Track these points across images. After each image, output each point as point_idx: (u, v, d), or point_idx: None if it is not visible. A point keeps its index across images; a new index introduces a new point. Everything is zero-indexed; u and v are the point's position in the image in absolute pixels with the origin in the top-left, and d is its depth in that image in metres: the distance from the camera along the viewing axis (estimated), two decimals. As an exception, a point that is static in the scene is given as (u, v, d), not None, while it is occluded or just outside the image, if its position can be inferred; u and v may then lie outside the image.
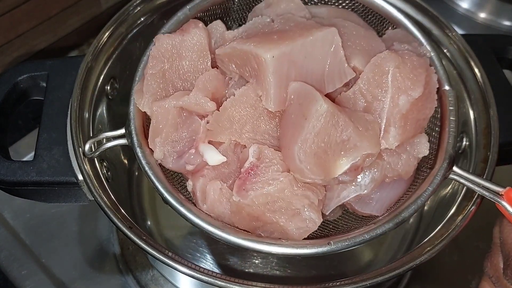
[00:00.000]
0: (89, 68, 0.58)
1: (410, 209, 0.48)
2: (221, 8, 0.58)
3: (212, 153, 0.49)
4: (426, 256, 0.49)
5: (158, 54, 0.51)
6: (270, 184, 0.46)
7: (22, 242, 0.74)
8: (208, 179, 0.49)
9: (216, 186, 0.48)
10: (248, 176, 0.47)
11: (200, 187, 0.49)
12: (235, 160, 0.50)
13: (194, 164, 0.49)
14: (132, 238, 0.49)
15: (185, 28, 0.53)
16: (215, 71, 0.51)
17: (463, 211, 0.52)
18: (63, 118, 0.57)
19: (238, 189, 0.46)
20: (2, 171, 0.54)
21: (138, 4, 0.62)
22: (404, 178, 0.51)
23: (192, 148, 0.49)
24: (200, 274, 0.48)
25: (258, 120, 0.49)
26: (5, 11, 0.83)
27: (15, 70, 0.60)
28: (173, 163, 0.49)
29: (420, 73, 0.49)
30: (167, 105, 0.49)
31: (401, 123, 0.48)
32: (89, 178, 0.52)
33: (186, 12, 0.55)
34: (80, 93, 0.56)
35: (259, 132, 0.49)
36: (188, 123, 0.50)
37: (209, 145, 0.50)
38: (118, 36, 0.61)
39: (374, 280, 0.47)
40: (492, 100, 0.57)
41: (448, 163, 0.50)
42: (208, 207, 0.48)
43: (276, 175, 0.47)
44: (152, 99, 0.50)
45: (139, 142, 0.50)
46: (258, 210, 0.46)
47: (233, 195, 0.46)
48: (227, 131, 0.49)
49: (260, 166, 0.47)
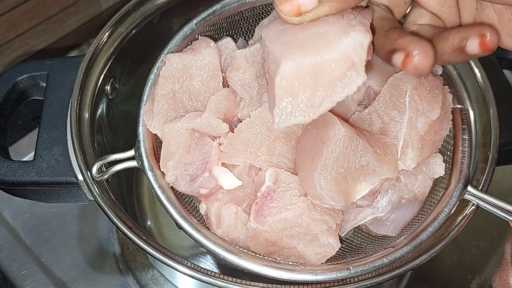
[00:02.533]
0: (89, 68, 0.58)
1: (428, 232, 0.48)
2: (228, 22, 0.57)
3: (228, 177, 0.48)
4: (426, 256, 0.49)
5: (169, 74, 0.49)
6: (287, 209, 0.45)
7: (22, 242, 0.74)
8: (222, 203, 0.48)
9: (231, 211, 0.47)
10: (265, 201, 0.46)
11: (215, 212, 0.48)
12: (250, 183, 0.49)
13: (208, 188, 0.48)
14: (132, 238, 0.49)
15: (196, 47, 0.51)
16: (226, 91, 0.50)
17: (463, 211, 0.52)
18: (63, 118, 0.56)
19: (256, 215, 0.45)
20: (2, 171, 0.54)
21: (138, 4, 0.62)
22: (419, 199, 0.51)
23: (206, 171, 0.48)
24: (200, 274, 0.48)
25: (274, 142, 0.48)
26: (5, 11, 0.83)
27: (15, 70, 0.59)
28: (186, 186, 0.48)
29: (437, 94, 0.49)
30: (179, 128, 0.47)
31: (418, 145, 0.48)
32: (89, 178, 0.52)
33: (192, 27, 0.53)
34: (80, 93, 0.56)
35: (275, 155, 0.48)
36: (200, 145, 0.48)
37: (224, 169, 0.48)
38: (118, 36, 0.61)
39: (374, 280, 0.47)
40: (492, 100, 0.57)
41: (464, 183, 0.50)
42: (223, 231, 0.47)
43: (294, 200, 0.46)
44: (163, 121, 0.49)
45: (150, 165, 0.49)
46: (276, 235, 0.46)
47: (251, 222, 0.45)
48: (242, 153, 0.48)
49: (277, 191, 0.46)
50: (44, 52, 0.94)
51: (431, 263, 0.56)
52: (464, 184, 0.50)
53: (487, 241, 0.76)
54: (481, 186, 0.53)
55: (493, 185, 0.54)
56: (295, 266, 0.47)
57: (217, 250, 0.46)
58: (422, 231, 0.48)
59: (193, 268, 0.48)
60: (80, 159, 0.52)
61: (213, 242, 0.47)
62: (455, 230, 0.51)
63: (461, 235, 0.51)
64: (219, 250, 0.46)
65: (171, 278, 0.71)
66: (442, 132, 0.50)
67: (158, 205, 0.76)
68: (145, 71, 0.74)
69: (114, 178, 0.58)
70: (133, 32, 0.62)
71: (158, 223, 0.75)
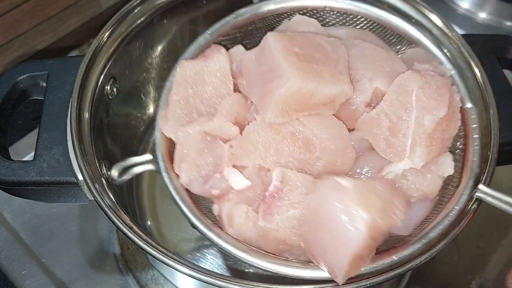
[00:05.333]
0: (89, 68, 0.58)
1: (437, 229, 0.48)
2: (241, 32, 0.59)
3: (237, 177, 0.49)
4: (426, 256, 0.49)
5: (182, 80, 0.52)
6: (295, 207, 0.46)
7: (22, 242, 0.74)
8: (233, 203, 0.49)
9: (242, 211, 0.48)
10: (273, 200, 0.47)
11: (226, 212, 0.49)
12: (260, 184, 0.50)
13: (219, 189, 0.49)
14: (132, 238, 0.49)
15: (207, 54, 0.53)
16: (237, 96, 0.52)
17: (463, 211, 0.52)
18: (63, 118, 0.56)
19: (264, 214, 0.46)
20: (2, 171, 0.54)
21: (138, 4, 0.62)
22: (429, 198, 0.51)
23: (217, 173, 0.50)
24: (200, 274, 0.48)
25: (281, 143, 0.49)
26: (5, 11, 0.83)
27: (15, 70, 0.59)
28: (199, 187, 0.50)
29: (443, 93, 0.49)
30: (192, 131, 0.49)
31: (427, 143, 0.48)
32: (89, 178, 0.52)
33: (207, 37, 0.56)
34: (80, 93, 0.56)
35: (283, 155, 0.49)
36: (212, 148, 0.50)
37: (234, 170, 0.50)
38: (118, 36, 0.61)
39: (374, 280, 0.47)
40: (492, 100, 0.57)
41: (474, 181, 0.50)
42: (234, 231, 0.49)
43: (301, 198, 0.46)
44: (177, 125, 0.51)
45: (165, 168, 0.50)
46: (284, 234, 0.46)
47: (259, 220, 0.46)
48: (251, 155, 0.49)
49: (284, 189, 0.47)
50: (44, 52, 0.94)
51: (431, 263, 0.57)
52: (475, 182, 0.50)
53: (487, 241, 0.76)
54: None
55: (493, 185, 0.53)
56: (305, 264, 0.47)
57: (229, 247, 0.47)
58: (432, 229, 0.48)
59: (193, 268, 0.48)
60: (80, 159, 0.52)
61: (224, 240, 0.48)
62: (455, 230, 0.51)
63: (461, 235, 0.51)
64: (232, 248, 0.47)
65: (171, 278, 0.71)
66: (451, 130, 0.51)
67: (158, 205, 0.77)
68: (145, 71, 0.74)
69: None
70: (133, 32, 0.62)
71: (158, 223, 0.75)
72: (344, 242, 0.43)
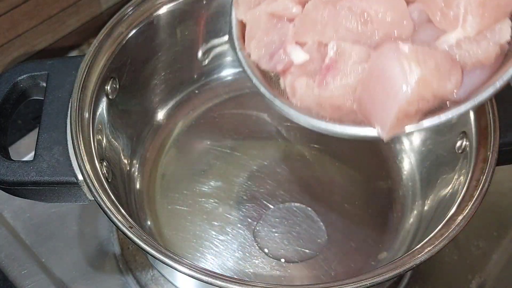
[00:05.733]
0: (89, 68, 0.58)
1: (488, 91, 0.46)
2: None
3: (297, 52, 0.52)
4: (426, 256, 0.49)
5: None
6: (349, 76, 0.48)
7: (22, 242, 0.74)
8: (295, 76, 0.52)
9: (302, 82, 0.51)
10: (328, 71, 0.49)
11: (289, 83, 0.52)
12: (319, 58, 0.52)
13: (282, 63, 0.52)
14: (132, 238, 0.49)
15: None
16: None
17: (463, 211, 0.52)
18: (63, 118, 0.57)
19: (319, 84, 0.49)
20: (2, 171, 0.54)
21: (138, 4, 0.62)
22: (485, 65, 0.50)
23: (281, 49, 0.53)
24: (200, 274, 0.48)
25: (339, 18, 0.51)
26: (5, 11, 0.83)
27: (15, 70, 0.60)
28: (266, 64, 0.53)
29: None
30: (258, 12, 0.53)
31: (478, 11, 0.48)
32: (89, 178, 0.52)
33: None
34: (80, 93, 0.56)
35: (340, 29, 0.51)
36: (278, 27, 0.53)
37: (295, 45, 0.52)
38: (118, 36, 0.61)
39: (374, 280, 0.47)
40: (492, 100, 0.57)
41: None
42: (297, 100, 0.51)
43: (355, 68, 0.48)
44: (247, 8, 0.54)
45: (239, 46, 0.54)
46: (338, 100, 0.49)
47: (314, 89, 0.49)
48: (310, 31, 0.51)
49: (339, 60, 0.49)
50: (44, 52, 0.94)
51: (431, 263, 0.57)
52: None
53: (487, 241, 0.76)
54: (481, 186, 0.53)
55: (493, 185, 0.54)
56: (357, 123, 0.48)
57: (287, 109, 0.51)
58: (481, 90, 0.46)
59: (193, 268, 0.48)
60: (80, 159, 0.52)
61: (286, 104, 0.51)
62: (455, 230, 0.51)
63: (461, 235, 0.51)
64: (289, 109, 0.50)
65: (171, 278, 0.71)
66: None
67: (158, 205, 0.76)
68: (145, 71, 0.74)
69: (114, 178, 0.58)
70: (133, 32, 0.62)
71: (158, 223, 0.75)
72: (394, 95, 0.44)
